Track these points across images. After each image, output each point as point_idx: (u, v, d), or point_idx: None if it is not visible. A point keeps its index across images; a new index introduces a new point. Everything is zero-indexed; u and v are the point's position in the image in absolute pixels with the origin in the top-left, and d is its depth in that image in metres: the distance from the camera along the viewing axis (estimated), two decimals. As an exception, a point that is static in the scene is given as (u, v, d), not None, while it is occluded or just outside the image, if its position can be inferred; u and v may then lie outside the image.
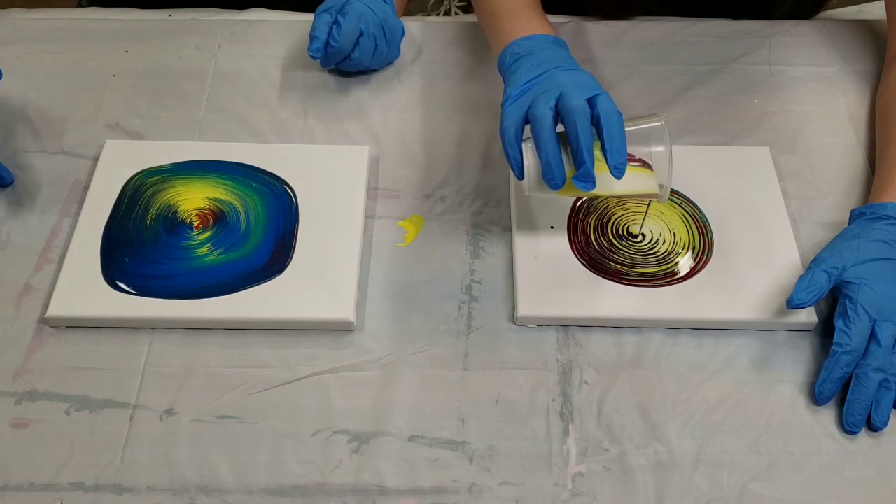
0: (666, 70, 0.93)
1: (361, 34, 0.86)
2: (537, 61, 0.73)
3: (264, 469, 0.65)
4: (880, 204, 0.74)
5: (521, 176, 0.70)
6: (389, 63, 0.93)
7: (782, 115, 0.89)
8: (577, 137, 0.66)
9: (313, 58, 0.87)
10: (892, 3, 0.89)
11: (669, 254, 0.76)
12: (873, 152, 0.84)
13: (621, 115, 0.67)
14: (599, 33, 0.96)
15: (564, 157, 0.67)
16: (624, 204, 0.80)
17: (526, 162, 0.69)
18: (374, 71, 0.92)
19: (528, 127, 0.69)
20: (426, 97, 0.91)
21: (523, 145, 0.69)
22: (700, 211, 0.80)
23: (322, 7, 0.87)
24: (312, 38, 0.86)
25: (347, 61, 0.88)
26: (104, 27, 0.96)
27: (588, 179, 0.67)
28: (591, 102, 0.67)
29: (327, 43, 0.86)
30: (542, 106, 0.68)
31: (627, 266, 0.75)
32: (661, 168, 0.69)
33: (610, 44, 0.95)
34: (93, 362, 0.70)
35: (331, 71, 0.92)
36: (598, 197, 0.78)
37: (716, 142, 0.86)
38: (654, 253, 0.76)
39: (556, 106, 0.68)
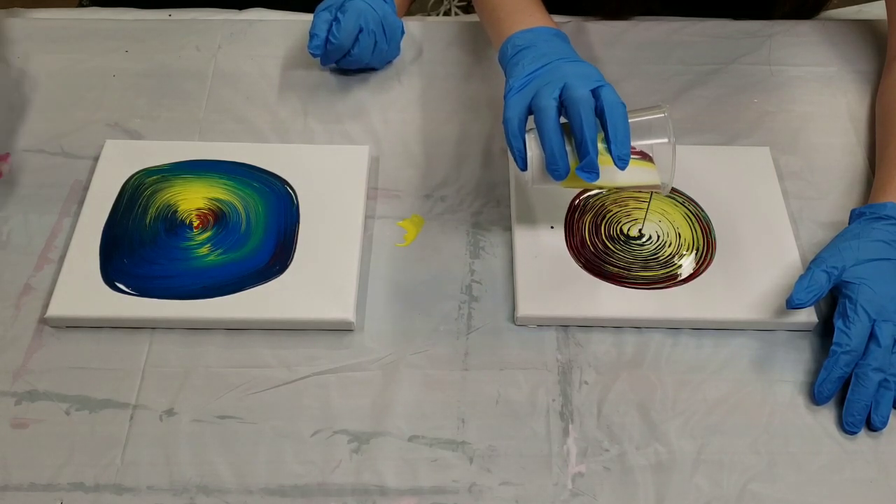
0: (666, 70, 0.93)
1: (361, 31, 0.86)
2: (539, 53, 0.73)
3: (264, 469, 0.65)
4: (880, 204, 0.74)
5: (523, 167, 0.70)
6: (389, 62, 0.93)
7: (782, 115, 0.89)
8: (581, 128, 0.66)
9: (313, 55, 0.87)
10: (892, 3, 0.89)
11: (673, 256, 0.76)
12: (873, 152, 0.84)
13: (625, 107, 0.67)
14: (599, 33, 0.96)
15: (568, 148, 0.68)
16: (621, 201, 0.80)
17: (529, 153, 0.69)
18: (374, 70, 0.92)
19: (531, 118, 0.69)
20: (426, 97, 0.91)
21: (527, 136, 0.69)
22: (702, 210, 0.80)
23: (322, 5, 0.87)
24: (312, 35, 0.86)
25: (347, 58, 0.88)
26: (104, 27, 0.96)
27: (592, 170, 0.67)
28: (595, 93, 0.68)
29: (327, 40, 0.86)
30: (545, 97, 0.68)
31: (626, 269, 0.75)
32: (664, 160, 0.69)
33: (610, 44, 0.95)
34: (93, 362, 0.70)
35: (331, 71, 0.92)
36: (601, 189, 0.78)
37: (716, 142, 0.86)
38: (658, 258, 0.76)
39: (560, 97, 0.68)
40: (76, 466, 0.65)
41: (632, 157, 0.67)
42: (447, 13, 1.54)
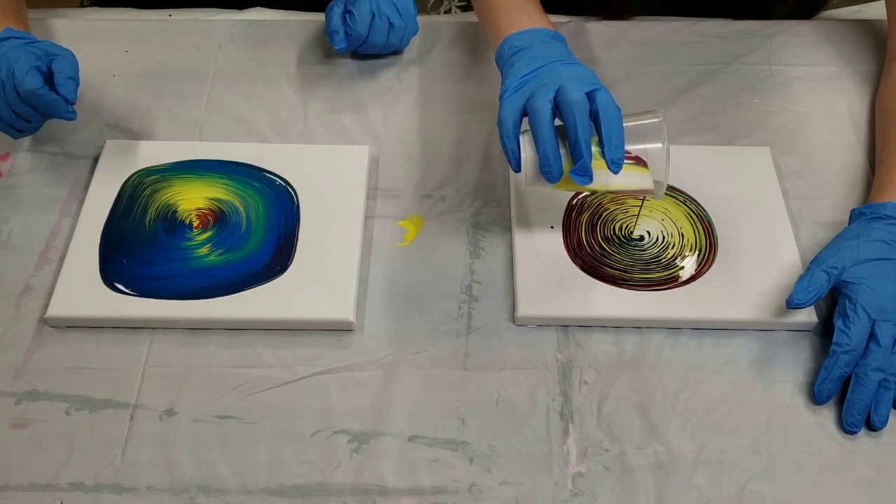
0: (666, 70, 0.93)
1: (374, 17, 0.87)
2: (536, 54, 0.73)
3: (264, 469, 0.65)
4: (880, 204, 0.74)
5: (517, 168, 0.70)
6: (407, 41, 0.93)
7: (782, 115, 0.89)
8: (575, 131, 0.66)
9: (338, 50, 0.88)
10: (892, 3, 0.89)
11: (676, 258, 0.76)
12: (873, 152, 0.84)
13: (620, 110, 0.68)
14: (599, 33, 0.96)
15: (562, 151, 0.68)
16: (619, 200, 0.80)
17: (523, 154, 0.69)
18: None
19: (525, 120, 0.69)
20: (426, 97, 0.91)
21: (521, 138, 0.69)
22: (704, 210, 0.79)
23: (333, 2, 0.88)
24: (331, 33, 0.87)
25: (364, 45, 0.89)
26: (104, 27, 0.96)
27: (585, 173, 0.67)
28: (590, 97, 0.68)
29: (346, 33, 0.88)
30: (540, 99, 0.68)
31: (625, 272, 0.75)
32: (658, 164, 0.70)
33: (610, 44, 0.95)
34: (93, 362, 0.70)
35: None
36: (594, 192, 0.78)
37: (716, 142, 0.86)
38: (660, 260, 0.76)
39: (555, 99, 0.68)
40: (76, 466, 0.65)
41: (626, 161, 0.67)
42: (447, 13, 1.54)
